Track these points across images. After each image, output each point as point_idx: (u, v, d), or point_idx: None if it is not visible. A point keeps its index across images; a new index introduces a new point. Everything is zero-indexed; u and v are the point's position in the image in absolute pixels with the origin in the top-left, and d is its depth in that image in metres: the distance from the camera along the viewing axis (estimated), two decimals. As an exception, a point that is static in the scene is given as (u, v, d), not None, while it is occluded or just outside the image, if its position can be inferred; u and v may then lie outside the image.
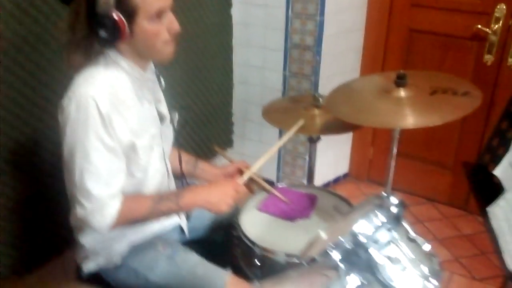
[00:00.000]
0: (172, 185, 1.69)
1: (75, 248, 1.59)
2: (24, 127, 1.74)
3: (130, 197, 1.42)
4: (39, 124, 1.79)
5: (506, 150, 1.37)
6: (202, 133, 2.76)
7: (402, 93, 1.55)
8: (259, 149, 3.04)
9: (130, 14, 1.29)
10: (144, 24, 1.32)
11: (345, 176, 3.26)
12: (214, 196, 1.47)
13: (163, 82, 1.59)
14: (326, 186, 3.10)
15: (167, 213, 1.46)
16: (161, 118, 1.57)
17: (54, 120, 1.40)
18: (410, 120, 1.45)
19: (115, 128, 1.34)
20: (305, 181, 2.95)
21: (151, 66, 1.54)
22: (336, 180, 3.20)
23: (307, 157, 2.90)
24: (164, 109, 1.60)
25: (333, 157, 3.06)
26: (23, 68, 1.68)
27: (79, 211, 1.36)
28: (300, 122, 1.78)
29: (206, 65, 2.69)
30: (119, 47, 1.37)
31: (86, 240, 1.53)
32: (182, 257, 1.55)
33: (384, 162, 3.04)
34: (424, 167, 2.95)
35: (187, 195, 1.46)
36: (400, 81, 1.55)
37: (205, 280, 1.49)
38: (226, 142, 3.03)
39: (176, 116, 1.64)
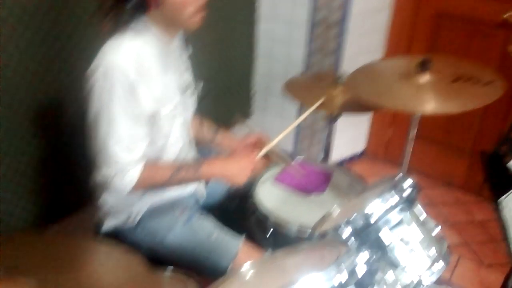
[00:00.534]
0: (192, 153, 1.74)
1: (96, 206, 1.66)
2: (53, 83, 1.79)
3: (151, 164, 1.48)
4: (66, 81, 1.83)
5: (523, 142, 1.38)
6: (222, 103, 2.79)
7: (424, 78, 1.56)
8: (278, 123, 3.07)
9: None
10: None
11: (362, 154, 3.28)
12: (232, 169, 1.51)
13: (190, 49, 1.62)
14: (342, 163, 3.14)
15: (185, 181, 1.52)
16: (185, 87, 1.61)
17: (81, 78, 1.44)
18: (430, 106, 1.46)
19: (140, 97, 1.38)
20: (321, 156, 2.99)
21: (179, 33, 1.58)
22: (352, 158, 3.22)
23: (324, 134, 2.93)
24: (189, 77, 1.64)
25: (351, 134, 3.08)
26: (55, 25, 1.72)
27: (101, 173, 1.42)
28: (321, 100, 1.81)
29: (230, 36, 2.70)
30: (148, 15, 1.41)
31: (107, 199, 1.59)
32: (198, 222, 1.61)
33: (402, 143, 3.04)
34: (443, 151, 2.96)
35: (206, 166, 1.51)
36: (423, 66, 1.56)
37: (219, 246, 1.55)
38: (245, 113, 3.07)
39: (201, 85, 1.67)
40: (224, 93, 2.80)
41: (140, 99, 1.39)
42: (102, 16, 1.39)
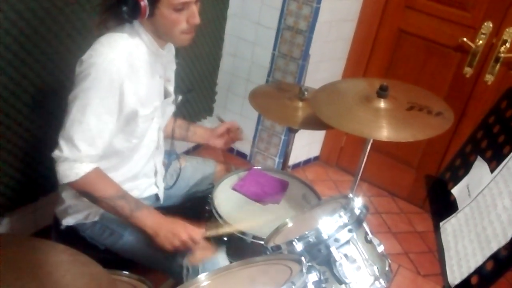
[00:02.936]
0: (160, 157, 1.78)
1: (56, 201, 1.67)
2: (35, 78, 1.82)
3: (102, 174, 1.48)
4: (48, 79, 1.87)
5: (466, 172, 1.49)
6: (185, 97, 2.81)
7: (381, 104, 1.65)
8: (238, 121, 3.11)
9: None
10: (165, 11, 1.39)
11: (316, 159, 3.38)
12: (164, 230, 1.49)
13: (175, 65, 1.69)
14: (297, 167, 3.23)
15: (117, 212, 1.49)
16: (166, 94, 1.65)
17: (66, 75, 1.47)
18: (384, 132, 1.55)
19: (125, 94, 1.42)
20: (276, 159, 3.07)
21: (171, 46, 1.64)
22: (307, 162, 3.32)
23: (282, 137, 3.01)
24: (171, 88, 1.69)
25: (307, 139, 3.17)
26: (43, 19, 1.75)
27: (55, 153, 1.42)
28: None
29: (197, 31, 2.70)
30: (141, 21, 1.45)
31: (68, 195, 1.61)
32: None
33: (354, 151, 3.18)
34: (391, 162, 3.10)
35: (145, 212, 1.50)
36: (381, 93, 1.64)
37: None
38: (207, 110, 3.10)
39: (180, 98, 1.73)
40: (187, 88, 2.81)
41: (124, 97, 1.43)
42: (104, 10, 1.44)
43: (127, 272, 1.39)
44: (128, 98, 1.44)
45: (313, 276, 1.12)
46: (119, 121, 1.47)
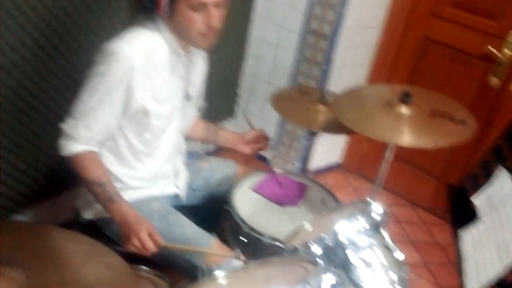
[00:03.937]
0: (181, 158, 1.80)
1: (77, 195, 1.70)
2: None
3: (95, 158, 1.52)
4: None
5: (487, 181, 1.48)
6: (207, 99, 2.83)
7: (404, 110, 1.64)
8: (259, 124, 3.11)
9: None
10: (183, 7, 1.42)
11: (337, 166, 3.37)
12: (125, 228, 1.45)
13: (203, 69, 1.73)
14: (318, 173, 3.22)
15: (95, 198, 1.51)
16: (187, 96, 1.67)
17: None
18: (406, 138, 1.54)
19: (134, 89, 1.46)
20: (297, 164, 3.07)
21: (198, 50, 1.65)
22: (328, 168, 3.30)
23: (303, 141, 3.01)
24: (193, 90, 1.71)
25: (328, 145, 3.16)
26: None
27: (62, 124, 1.49)
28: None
29: (222, 33, 2.72)
30: (165, 19, 1.48)
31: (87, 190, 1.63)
32: (173, 217, 1.66)
33: (376, 159, 3.14)
34: (412, 172, 3.07)
35: (115, 206, 1.48)
36: (405, 99, 1.64)
37: (193, 241, 1.60)
38: (229, 112, 3.11)
39: (200, 103, 1.78)
40: (210, 90, 2.83)
41: (134, 92, 1.46)
42: (131, 7, 1.53)
43: (146, 268, 1.41)
44: (138, 94, 1.47)
45: (329, 278, 1.13)
46: (127, 114, 1.51)
